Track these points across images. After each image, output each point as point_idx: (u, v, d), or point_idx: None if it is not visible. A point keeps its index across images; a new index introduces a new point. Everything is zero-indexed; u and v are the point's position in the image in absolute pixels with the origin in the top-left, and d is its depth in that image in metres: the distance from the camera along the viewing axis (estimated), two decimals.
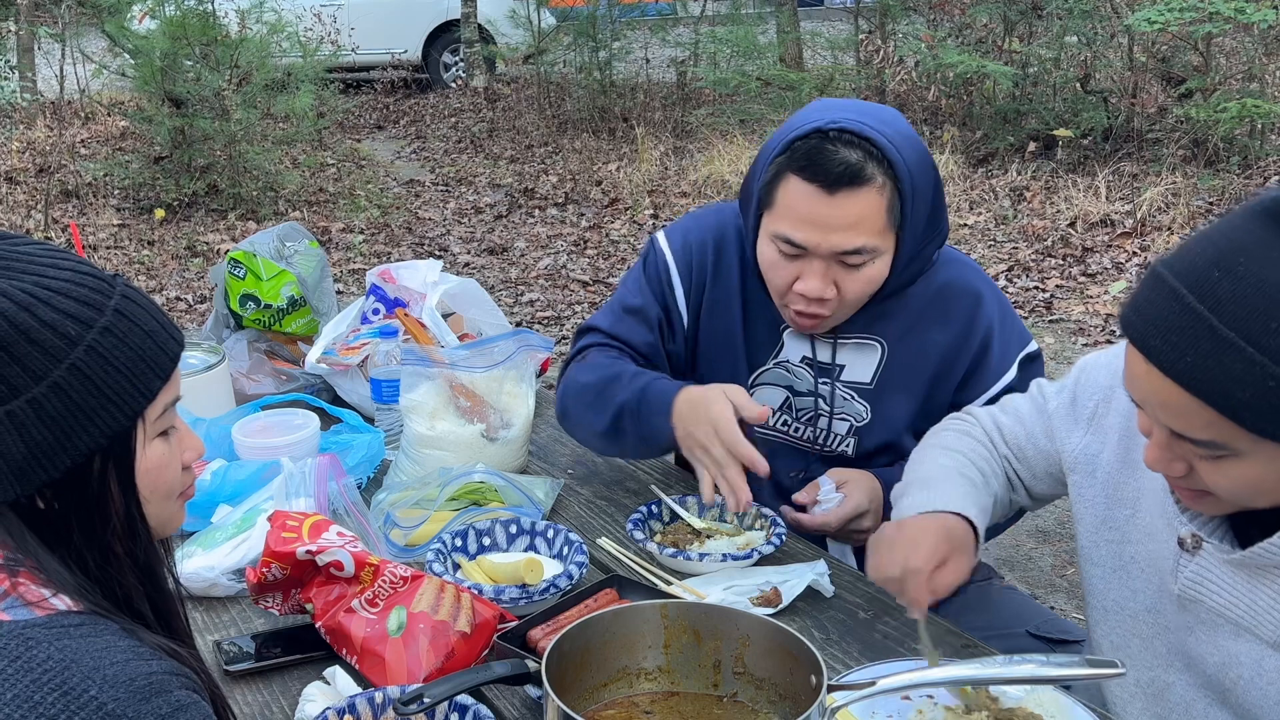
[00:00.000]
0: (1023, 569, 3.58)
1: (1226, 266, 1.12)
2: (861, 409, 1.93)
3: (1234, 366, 1.11)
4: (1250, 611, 1.32)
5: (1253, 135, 7.63)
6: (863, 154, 1.68)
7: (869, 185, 1.68)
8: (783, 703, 1.27)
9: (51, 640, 0.94)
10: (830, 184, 1.68)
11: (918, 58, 9.39)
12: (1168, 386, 1.17)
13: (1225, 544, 1.32)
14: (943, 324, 1.89)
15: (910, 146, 1.73)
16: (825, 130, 1.70)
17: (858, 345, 1.91)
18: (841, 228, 1.70)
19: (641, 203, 8.06)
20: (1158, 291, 1.17)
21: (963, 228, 7.13)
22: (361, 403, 2.31)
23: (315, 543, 1.52)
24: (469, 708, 1.33)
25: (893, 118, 1.76)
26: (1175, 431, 1.21)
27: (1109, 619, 1.52)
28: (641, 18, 11.57)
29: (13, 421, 0.96)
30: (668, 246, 2.00)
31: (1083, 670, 1.29)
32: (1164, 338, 1.15)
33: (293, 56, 8.97)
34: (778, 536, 1.78)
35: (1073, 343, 5.47)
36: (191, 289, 6.59)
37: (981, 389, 1.89)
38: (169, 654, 1.00)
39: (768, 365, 1.96)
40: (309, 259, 2.52)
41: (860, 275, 1.75)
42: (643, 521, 1.83)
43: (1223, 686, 1.37)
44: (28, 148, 9.59)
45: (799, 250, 1.74)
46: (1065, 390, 1.61)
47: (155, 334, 1.05)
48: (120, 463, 1.03)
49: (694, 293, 1.98)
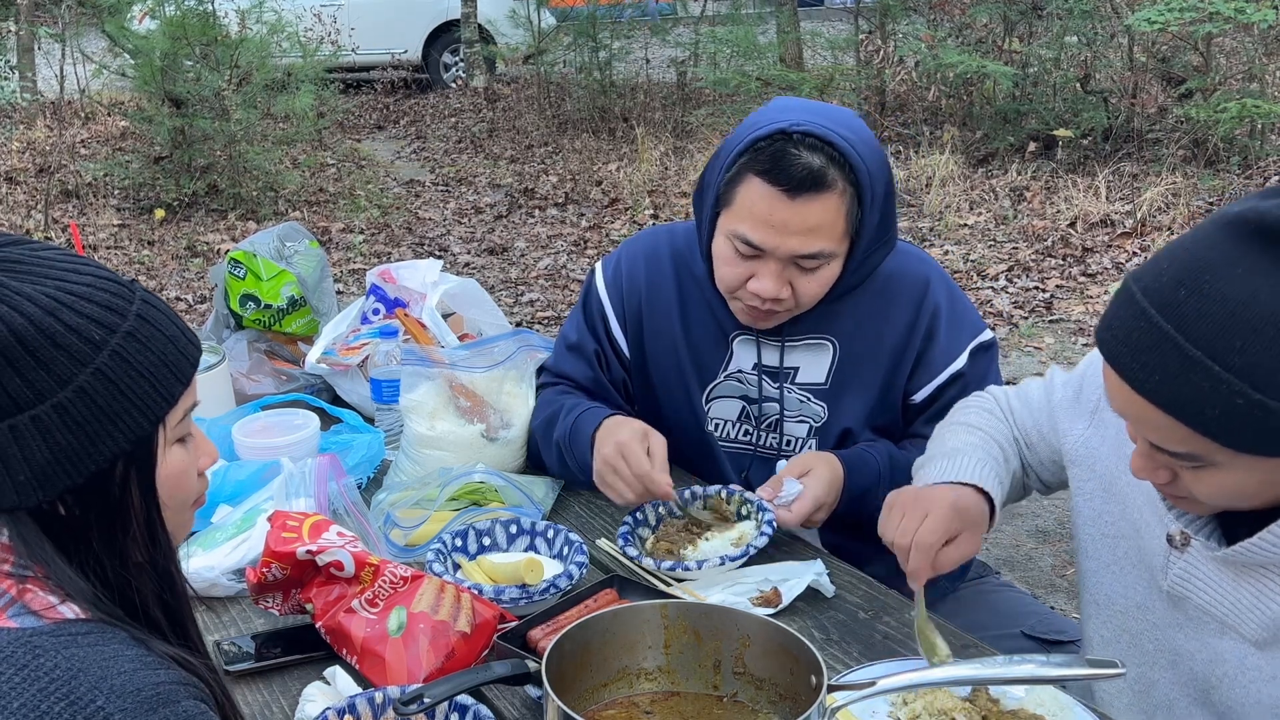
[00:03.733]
0: (1023, 569, 3.58)
1: (1192, 284, 1.12)
2: (819, 409, 1.93)
3: (1202, 384, 1.12)
4: (1234, 610, 1.33)
5: (1253, 135, 7.63)
6: (826, 159, 1.68)
7: (831, 190, 1.68)
8: (783, 703, 1.27)
9: (59, 649, 0.93)
10: (792, 188, 1.67)
11: (918, 58, 9.39)
12: (1142, 403, 1.18)
13: (1212, 541, 1.33)
14: (890, 314, 1.89)
15: (870, 151, 1.73)
16: (789, 132, 1.69)
17: (808, 346, 1.91)
18: (800, 232, 1.70)
19: (641, 203, 8.06)
20: (1127, 309, 1.18)
21: (963, 228, 7.13)
22: (361, 403, 2.31)
23: (315, 543, 1.52)
24: (469, 708, 1.33)
25: (852, 120, 1.76)
26: (1155, 444, 1.22)
27: (1101, 614, 1.53)
28: (642, 18, 11.56)
29: (37, 426, 0.96)
30: (601, 279, 2.04)
31: (1083, 670, 1.29)
32: (1134, 356, 1.16)
33: (293, 56, 8.98)
34: (768, 525, 1.78)
35: (1073, 343, 5.47)
36: (191, 289, 6.59)
37: (929, 375, 1.89)
38: (178, 663, 0.99)
39: (719, 379, 1.97)
40: (309, 259, 2.52)
41: (815, 278, 1.76)
42: (631, 533, 1.79)
43: (1207, 684, 1.38)
44: (28, 148, 9.59)
45: (755, 251, 1.74)
46: (1073, 381, 1.62)
47: (176, 339, 1.05)
48: (142, 468, 1.03)
49: (630, 321, 2.01)
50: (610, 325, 2.03)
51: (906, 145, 8.67)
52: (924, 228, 7.23)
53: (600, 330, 2.05)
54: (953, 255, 6.66)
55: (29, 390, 0.95)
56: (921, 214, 7.48)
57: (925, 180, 7.86)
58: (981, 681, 1.36)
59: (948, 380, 1.89)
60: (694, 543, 1.80)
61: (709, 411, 2.00)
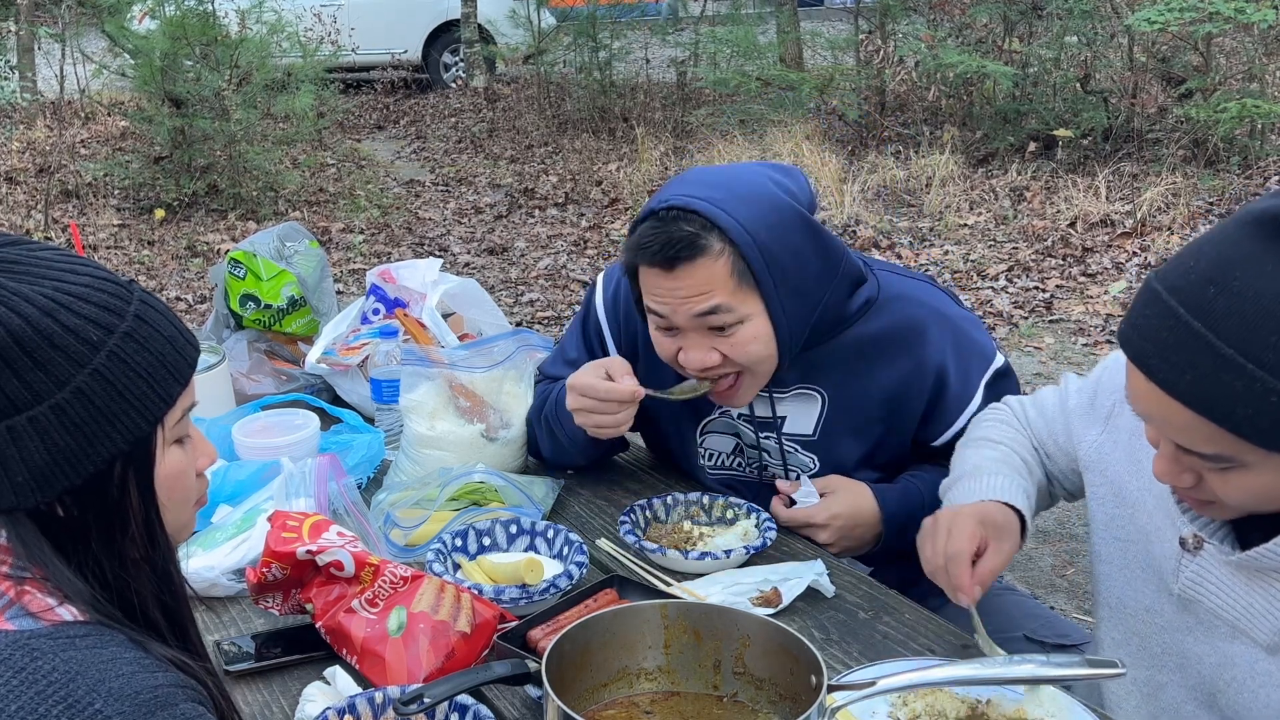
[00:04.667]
0: (1023, 569, 3.58)
1: (1222, 283, 1.12)
2: (808, 460, 1.94)
3: (1234, 383, 1.11)
4: (1246, 614, 1.32)
5: (1253, 135, 7.63)
6: (695, 227, 1.71)
7: (705, 254, 1.71)
8: (783, 703, 1.27)
9: (56, 651, 0.93)
10: (666, 261, 1.72)
11: (918, 58, 9.39)
12: (1169, 404, 1.17)
13: (1226, 545, 1.32)
14: (885, 364, 1.87)
15: (749, 212, 1.72)
16: (656, 211, 1.75)
17: (797, 397, 1.91)
18: (689, 296, 1.74)
19: (641, 203, 8.05)
20: (1154, 309, 1.17)
21: (963, 228, 7.14)
22: (361, 403, 2.31)
23: (315, 543, 1.52)
24: (469, 708, 1.33)
25: (735, 190, 1.75)
26: (1181, 445, 1.21)
27: (1114, 616, 1.52)
28: (641, 18, 11.57)
29: (35, 427, 0.95)
30: (600, 300, 2.06)
31: (1083, 670, 1.29)
32: (1163, 356, 1.15)
33: (293, 56, 8.98)
34: (769, 525, 1.80)
35: (1073, 343, 5.47)
36: (191, 289, 6.59)
37: (946, 423, 1.89)
38: (177, 665, 0.99)
39: (713, 415, 1.98)
40: (309, 259, 2.52)
41: (737, 338, 1.76)
42: (632, 529, 1.81)
43: (1216, 688, 1.38)
44: (28, 148, 9.60)
45: (668, 323, 1.79)
46: (1087, 388, 1.61)
47: (174, 339, 1.04)
48: (140, 469, 1.03)
49: (626, 345, 2.04)
50: (608, 348, 2.04)
51: (906, 145, 8.67)
52: (924, 228, 7.23)
53: (597, 351, 2.05)
54: (953, 255, 6.66)
55: (27, 392, 0.95)
56: (921, 214, 7.48)
57: (925, 180, 7.86)
58: (982, 681, 1.35)
59: (968, 422, 1.87)
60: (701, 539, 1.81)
61: (703, 443, 2.02)
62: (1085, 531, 3.72)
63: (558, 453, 2.04)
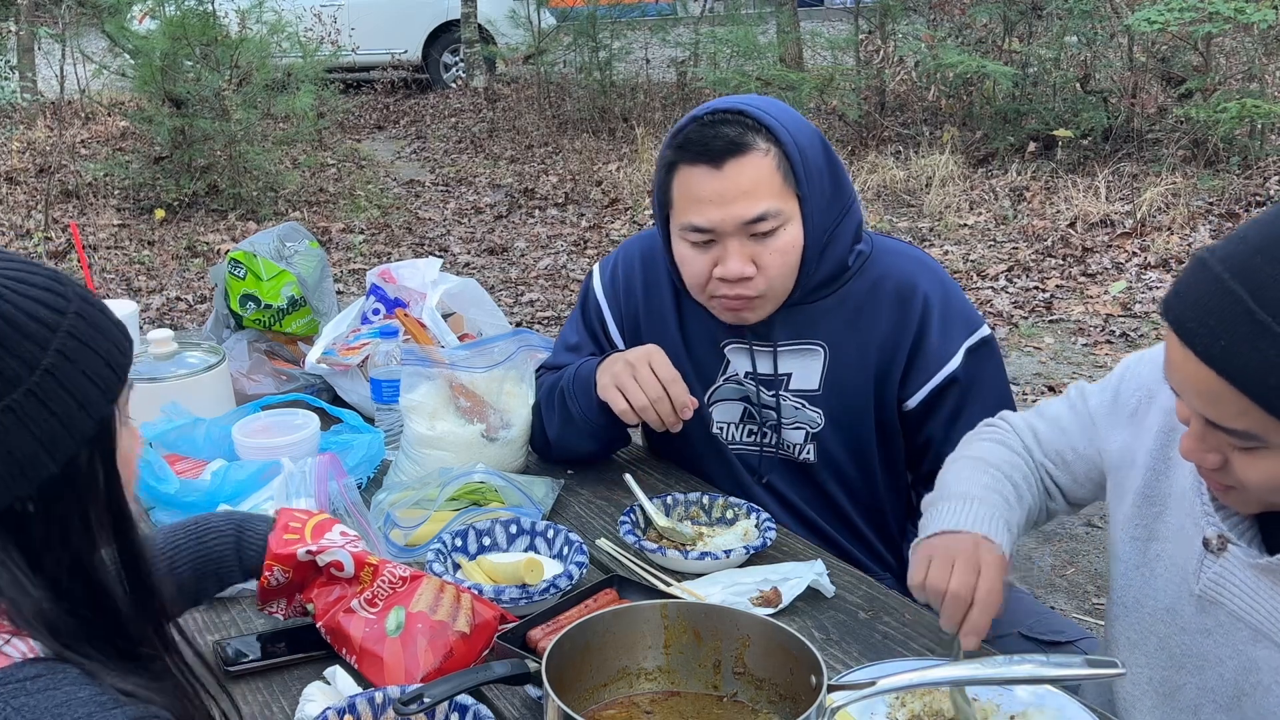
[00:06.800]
0: (1023, 569, 3.59)
1: (1270, 253, 1.11)
2: (815, 415, 1.93)
3: (1269, 352, 1.10)
4: (1271, 617, 1.31)
5: (1253, 135, 7.63)
6: (741, 128, 1.74)
7: (754, 151, 1.73)
8: (783, 703, 1.27)
9: (6, 700, 0.90)
10: (715, 158, 1.73)
11: (918, 58, 9.39)
12: (1203, 372, 1.16)
13: (1253, 548, 1.32)
14: (878, 317, 1.89)
15: (789, 117, 1.78)
16: (699, 117, 1.77)
17: (800, 351, 1.91)
18: (738, 197, 1.74)
19: (641, 203, 8.06)
20: (1199, 275, 1.17)
21: (963, 228, 7.14)
22: (361, 403, 2.31)
23: (316, 543, 1.52)
24: (469, 708, 1.33)
25: (771, 102, 1.82)
26: (1210, 421, 1.20)
27: (1128, 615, 1.51)
28: (642, 18, 11.57)
29: (16, 415, 0.94)
30: (598, 283, 2.07)
31: (1083, 670, 1.29)
32: (1200, 320, 1.15)
33: (293, 56, 8.98)
34: (769, 525, 1.79)
35: (1072, 343, 5.47)
36: (191, 289, 6.59)
37: (922, 380, 1.88)
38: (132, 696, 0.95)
39: (718, 382, 1.98)
40: (309, 259, 2.52)
41: (775, 245, 1.77)
42: (632, 529, 1.80)
43: (1239, 691, 1.36)
44: (28, 148, 9.60)
45: (708, 235, 1.78)
46: (1107, 389, 1.59)
47: (107, 313, 1.03)
48: (105, 450, 1.01)
49: (627, 322, 2.03)
50: (609, 329, 2.04)
51: (906, 145, 8.67)
52: (924, 228, 7.23)
53: (599, 334, 2.05)
54: (953, 255, 6.66)
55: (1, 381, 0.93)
56: (921, 214, 7.48)
57: (925, 180, 7.86)
58: (981, 681, 1.35)
59: (942, 384, 1.87)
60: (701, 539, 1.80)
61: (712, 414, 2.00)
62: (1085, 532, 3.75)
63: (566, 435, 2.01)
